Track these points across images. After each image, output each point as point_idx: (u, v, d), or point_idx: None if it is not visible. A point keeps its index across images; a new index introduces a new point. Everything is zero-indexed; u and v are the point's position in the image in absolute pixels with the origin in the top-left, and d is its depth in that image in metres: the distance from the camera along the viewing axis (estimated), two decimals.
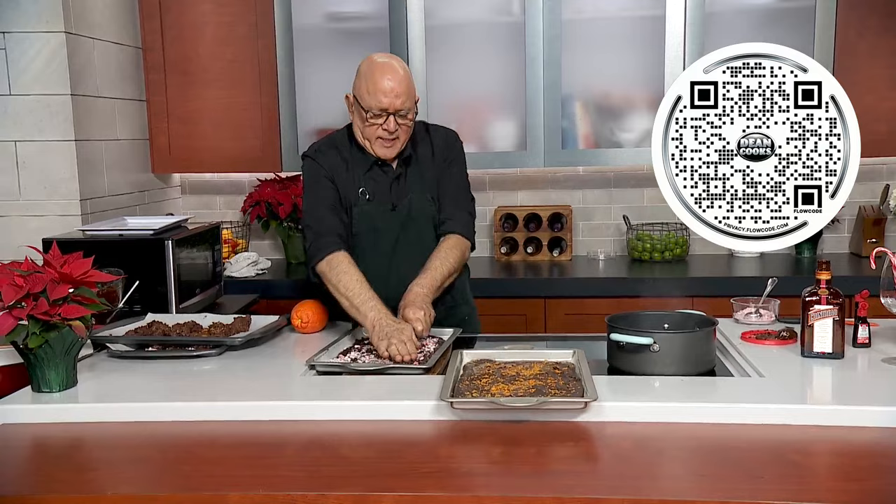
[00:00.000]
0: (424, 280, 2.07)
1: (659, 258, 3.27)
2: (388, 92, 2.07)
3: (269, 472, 1.38)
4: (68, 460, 1.48)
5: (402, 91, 2.08)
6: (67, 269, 1.65)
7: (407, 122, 2.14)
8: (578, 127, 3.20)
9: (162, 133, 3.30)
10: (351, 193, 2.19)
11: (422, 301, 2.01)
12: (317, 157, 2.22)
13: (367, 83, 2.10)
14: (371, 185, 2.20)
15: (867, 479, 1.32)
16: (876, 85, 3.01)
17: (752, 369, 1.78)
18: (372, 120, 2.11)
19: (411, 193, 2.21)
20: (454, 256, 2.16)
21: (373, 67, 2.11)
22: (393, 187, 2.21)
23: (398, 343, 1.84)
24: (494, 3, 3.19)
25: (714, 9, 3.06)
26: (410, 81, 2.13)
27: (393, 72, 2.09)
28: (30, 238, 2.60)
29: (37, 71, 2.75)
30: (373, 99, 2.09)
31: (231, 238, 3.42)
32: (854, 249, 3.32)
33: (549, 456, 1.43)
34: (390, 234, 2.20)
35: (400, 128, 2.13)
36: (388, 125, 2.11)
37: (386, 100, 2.08)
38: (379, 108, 2.09)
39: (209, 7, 3.22)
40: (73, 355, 1.70)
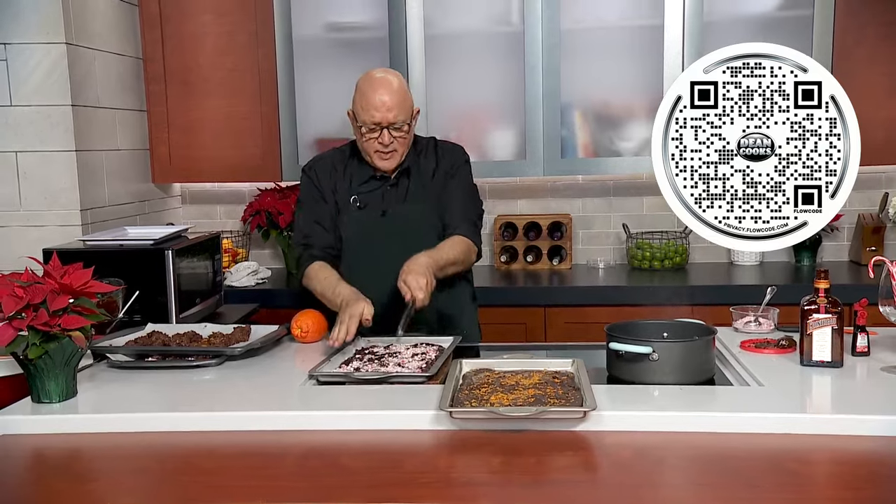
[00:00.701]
0: (431, 252, 2.10)
1: (659, 266, 3.27)
2: (379, 106, 2.13)
3: (269, 482, 1.38)
4: (68, 471, 1.49)
5: (394, 104, 2.13)
6: (67, 279, 1.65)
7: (402, 134, 2.17)
8: (578, 136, 3.21)
9: (162, 143, 3.31)
10: (344, 202, 2.26)
11: (425, 269, 2.01)
12: (311, 173, 2.30)
13: (360, 99, 2.17)
14: (365, 195, 2.26)
15: (865, 487, 1.32)
16: (874, 93, 3.02)
17: (751, 378, 1.78)
18: (367, 134, 2.17)
19: (406, 203, 2.24)
20: (460, 248, 2.19)
21: (367, 83, 2.18)
22: (386, 196, 2.25)
23: (338, 325, 1.95)
24: (494, 13, 3.20)
25: (712, 17, 3.07)
26: (405, 95, 2.17)
27: (386, 86, 2.15)
28: (30, 248, 2.61)
29: (38, 82, 2.76)
30: (365, 113, 2.15)
31: (231, 247, 3.43)
32: (853, 257, 3.32)
33: (549, 465, 1.43)
34: (380, 242, 2.23)
35: (396, 140, 2.17)
36: (383, 138, 2.16)
37: (378, 114, 2.13)
38: (372, 122, 2.15)
39: (209, 17, 3.24)
40: (73, 366, 1.70)
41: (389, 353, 1.94)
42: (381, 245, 2.22)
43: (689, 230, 3.27)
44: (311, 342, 2.16)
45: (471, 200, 2.32)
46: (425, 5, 3.14)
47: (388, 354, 1.93)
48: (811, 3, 3.01)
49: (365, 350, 2.00)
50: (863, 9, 3.00)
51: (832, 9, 2.99)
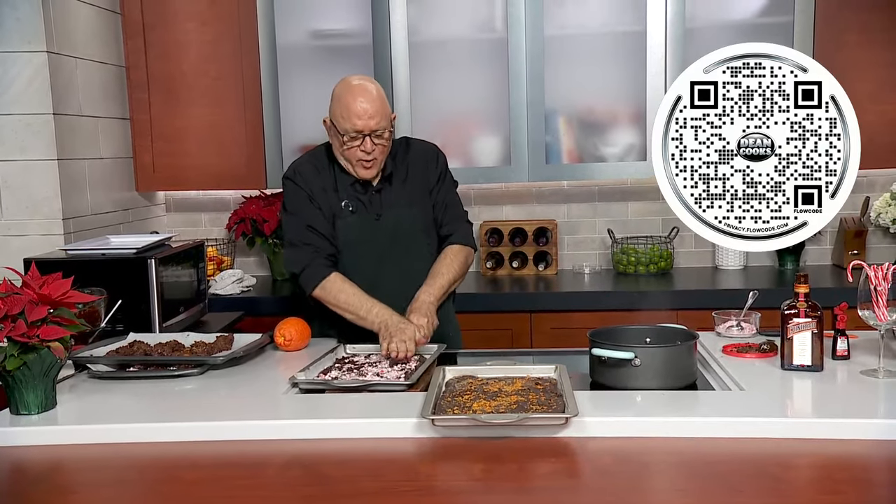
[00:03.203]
0: (431, 288, 2.15)
1: (644, 271, 3.28)
2: (361, 114, 2.11)
3: (250, 492, 1.37)
4: (47, 483, 1.47)
5: (375, 111, 2.11)
6: (46, 290, 1.64)
7: (383, 141, 2.16)
8: (562, 142, 3.21)
9: (146, 151, 3.29)
10: (335, 208, 2.23)
11: (427, 309, 2.09)
12: (296, 178, 2.25)
13: (340, 107, 2.14)
14: (354, 200, 2.24)
15: (846, 491, 1.33)
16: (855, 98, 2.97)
17: (732, 383, 1.78)
18: (349, 143, 2.15)
19: (395, 206, 2.24)
20: (458, 263, 2.24)
21: (346, 90, 2.15)
22: (375, 201, 2.24)
23: (398, 342, 1.93)
24: (477, 20, 3.21)
25: (694, 24, 3.09)
26: (384, 101, 2.16)
27: (366, 93, 2.13)
28: (12, 258, 2.59)
29: (19, 90, 2.74)
30: (347, 122, 2.12)
31: (216, 255, 3.41)
32: (836, 261, 3.35)
33: (531, 472, 1.43)
34: (375, 246, 2.22)
35: (377, 147, 2.16)
36: (365, 146, 2.14)
37: (360, 122, 2.11)
38: (354, 130, 2.12)
39: (193, 25, 3.23)
40: (52, 377, 1.69)
41: (369, 363, 1.94)
42: (374, 250, 2.23)
43: (674, 235, 3.31)
44: (295, 350, 2.15)
45: (458, 199, 2.37)
46: (409, 12, 3.14)
47: (367, 364, 1.93)
48: (791, 10, 3.03)
49: (345, 359, 2.00)
50: (843, 15, 3.03)
51: (812, 15, 3.01)
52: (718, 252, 3.37)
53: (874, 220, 3.24)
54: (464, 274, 2.28)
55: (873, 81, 3.04)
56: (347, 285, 2.14)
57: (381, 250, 2.22)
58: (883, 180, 3.33)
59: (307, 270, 2.17)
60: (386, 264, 2.22)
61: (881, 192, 3.31)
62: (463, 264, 2.26)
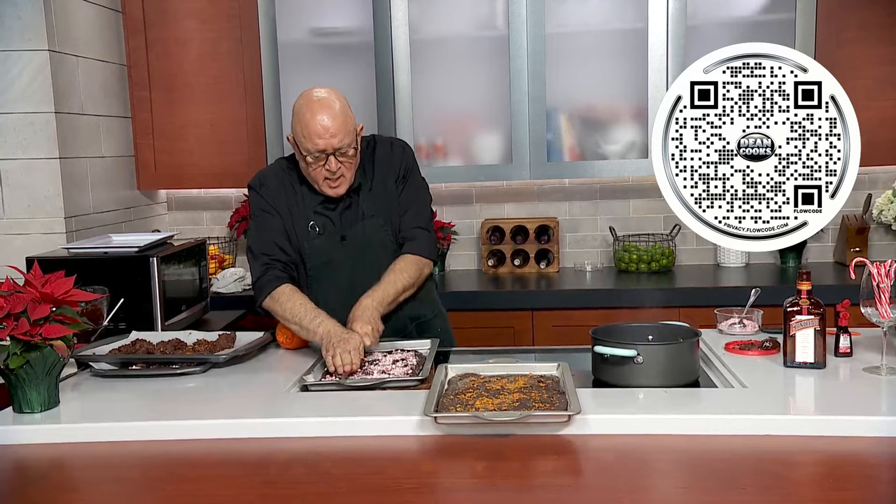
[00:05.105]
0: (375, 294, 2.06)
1: (645, 269, 3.28)
2: (322, 133, 2.00)
3: (252, 490, 1.37)
4: (49, 481, 1.47)
5: (337, 129, 2.00)
6: (48, 288, 1.64)
7: (348, 158, 2.06)
8: (563, 139, 3.21)
9: (147, 149, 3.29)
10: (301, 229, 2.15)
11: (370, 315, 2.00)
12: (261, 190, 2.17)
13: (300, 125, 2.03)
14: (321, 219, 2.15)
15: (849, 488, 1.33)
16: (856, 95, 2.99)
17: (735, 380, 1.78)
18: (313, 163, 2.05)
19: (363, 221, 2.16)
20: (409, 273, 2.13)
21: (305, 106, 2.03)
22: (343, 217, 2.16)
23: (342, 353, 1.85)
24: (479, 18, 3.21)
25: (696, 21, 3.08)
26: (347, 116, 2.04)
27: (326, 109, 2.01)
28: (14, 257, 2.59)
29: (20, 89, 2.75)
30: (308, 142, 2.02)
31: (218, 254, 3.41)
32: (838, 258, 3.34)
33: (533, 470, 1.43)
34: (344, 266, 2.16)
35: (343, 165, 2.06)
36: (330, 165, 2.04)
37: (321, 141, 2.00)
38: (316, 150, 2.02)
39: (193, 23, 3.23)
40: (55, 375, 1.69)
41: (370, 362, 1.93)
42: (343, 270, 2.16)
43: (676, 232, 3.31)
44: (296, 348, 2.15)
45: (422, 202, 2.24)
46: (410, 10, 3.14)
47: (368, 363, 1.92)
48: (793, 7, 3.03)
49: None
50: (845, 13, 3.02)
51: (814, 13, 3.01)
52: (720, 249, 3.37)
53: (876, 217, 3.24)
54: (415, 285, 2.16)
55: (876, 78, 3.04)
56: (297, 296, 2.07)
57: (349, 269, 2.16)
58: (885, 177, 3.33)
59: (259, 281, 2.11)
60: (356, 282, 2.13)
61: (883, 189, 3.31)
62: (414, 276, 2.14)
